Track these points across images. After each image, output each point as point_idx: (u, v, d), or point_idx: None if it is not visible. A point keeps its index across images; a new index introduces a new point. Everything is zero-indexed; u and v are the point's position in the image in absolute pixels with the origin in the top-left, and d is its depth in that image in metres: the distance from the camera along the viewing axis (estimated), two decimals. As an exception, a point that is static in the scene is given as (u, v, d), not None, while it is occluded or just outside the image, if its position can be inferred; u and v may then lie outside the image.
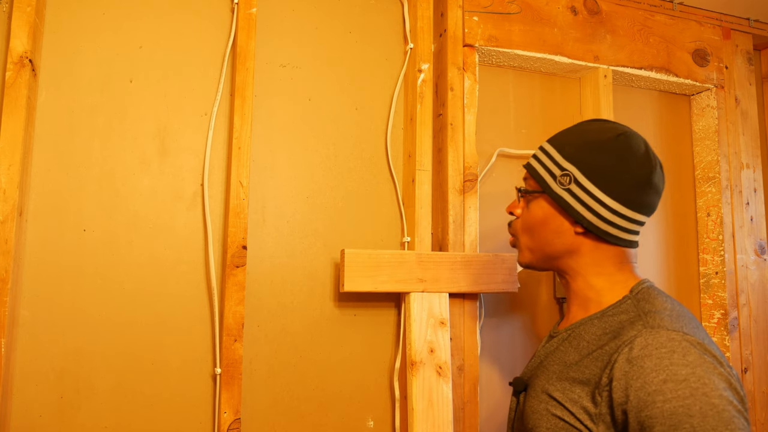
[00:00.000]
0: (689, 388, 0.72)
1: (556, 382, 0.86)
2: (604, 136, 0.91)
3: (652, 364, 0.75)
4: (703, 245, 1.69)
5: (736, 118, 1.71)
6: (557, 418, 0.83)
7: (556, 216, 0.93)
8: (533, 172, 0.96)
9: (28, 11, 1.11)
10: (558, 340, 0.94)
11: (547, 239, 0.94)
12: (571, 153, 0.92)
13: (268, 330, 1.27)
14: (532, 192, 0.96)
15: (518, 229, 1.00)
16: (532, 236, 0.96)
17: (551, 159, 0.94)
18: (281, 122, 1.33)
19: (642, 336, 0.78)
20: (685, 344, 0.76)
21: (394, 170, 1.41)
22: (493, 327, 1.45)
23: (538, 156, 0.97)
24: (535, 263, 0.99)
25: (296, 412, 1.27)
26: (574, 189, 0.90)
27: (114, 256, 1.18)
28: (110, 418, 1.14)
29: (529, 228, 0.96)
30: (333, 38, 1.40)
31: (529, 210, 0.97)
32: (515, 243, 1.01)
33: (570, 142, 0.93)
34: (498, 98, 1.54)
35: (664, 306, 0.84)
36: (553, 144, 0.95)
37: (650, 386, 0.74)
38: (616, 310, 0.87)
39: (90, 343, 1.15)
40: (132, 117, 1.22)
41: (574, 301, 0.96)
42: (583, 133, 0.94)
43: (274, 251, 1.29)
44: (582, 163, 0.90)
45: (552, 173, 0.93)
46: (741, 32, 1.75)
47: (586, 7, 1.56)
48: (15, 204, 1.07)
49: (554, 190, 0.92)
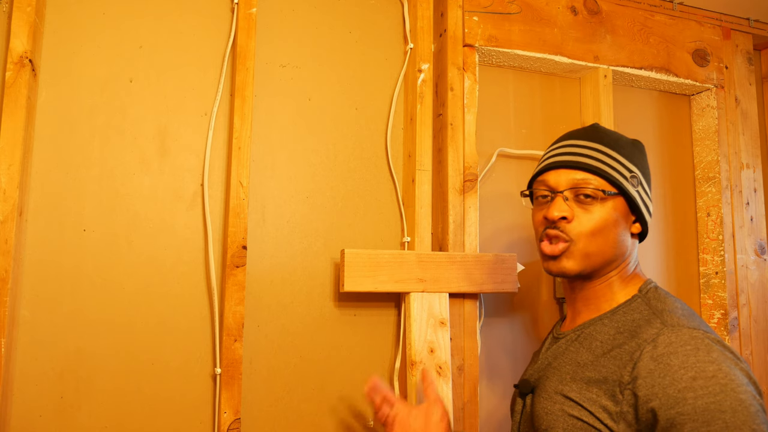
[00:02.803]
0: (719, 384, 0.73)
1: (571, 382, 0.86)
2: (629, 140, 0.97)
3: (678, 361, 0.76)
4: (703, 245, 1.69)
5: (736, 118, 1.71)
6: (574, 418, 0.83)
7: (626, 217, 0.93)
8: (602, 173, 0.91)
9: (28, 11, 1.11)
10: (566, 342, 0.93)
11: (613, 242, 0.91)
12: (628, 155, 0.94)
13: (268, 330, 1.27)
14: (607, 193, 0.90)
15: (577, 234, 0.90)
16: (597, 240, 0.90)
17: (615, 160, 0.92)
18: (281, 122, 1.33)
19: (664, 334, 0.79)
20: (707, 342, 0.77)
21: (394, 170, 1.41)
22: (493, 327, 1.45)
23: (597, 157, 0.92)
24: (587, 270, 0.91)
25: (296, 412, 1.27)
26: (641, 190, 0.93)
27: (114, 256, 1.18)
28: (110, 418, 1.14)
29: (599, 231, 0.90)
30: (333, 38, 1.40)
31: (591, 213, 0.90)
32: (565, 249, 0.91)
33: (618, 144, 0.94)
34: (498, 98, 1.53)
35: (675, 305, 0.86)
36: (608, 145, 0.93)
37: (679, 383, 0.74)
38: (626, 308, 0.88)
39: (90, 343, 1.15)
40: (132, 117, 1.22)
41: (582, 302, 0.95)
42: (617, 137, 0.97)
43: (274, 251, 1.29)
44: (639, 165, 0.94)
45: (622, 174, 0.91)
46: (741, 32, 1.75)
47: (586, 7, 1.56)
48: (15, 204, 1.07)
49: (629, 191, 0.91)
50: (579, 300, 0.96)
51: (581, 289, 0.96)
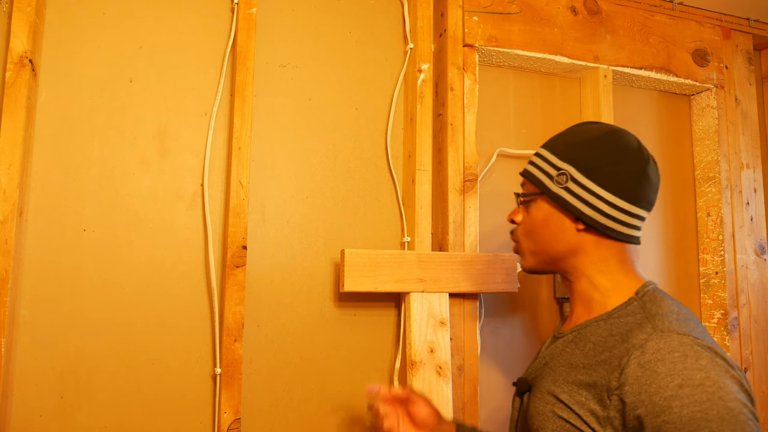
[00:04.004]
0: (705, 392, 0.72)
1: (563, 384, 0.86)
2: (596, 133, 0.94)
3: (665, 368, 0.75)
4: (703, 245, 1.69)
5: (736, 118, 1.71)
6: (563, 420, 0.83)
7: (557, 216, 0.93)
8: (529, 176, 0.97)
9: (28, 11, 1.11)
10: (563, 342, 0.93)
11: (549, 240, 0.94)
12: (565, 152, 0.93)
13: (268, 330, 1.27)
14: (531, 195, 0.96)
15: (520, 234, 0.99)
16: (535, 239, 0.96)
17: (546, 161, 0.95)
18: (281, 122, 1.33)
19: (653, 340, 0.78)
20: (696, 348, 0.76)
21: (394, 170, 1.41)
22: (493, 327, 1.45)
23: (533, 161, 0.98)
24: (538, 267, 0.98)
25: (296, 412, 1.27)
26: (571, 187, 0.91)
27: (114, 256, 1.18)
28: (110, 418, 1.14)
29: (531, 231, 0.96)
30: (333, 38, 1.40)
31: (529, 214, 0.97)
32: (518, 249, 1.01)
33: (563, 143, 0.95)
34: (498, 98, 1.54)
35: (671, 309, 0.84)
36: (547, 147, 0.97)
37: (666, 391, 0.73)
38: (622, 312, 0.87)
39: (90, 343, 1.15)
40: (132, 117, 1.22)
41: (577, 302, 0.96)
42: (575, 134, 0.96)
43: (274, 251, 1.30)
44: (577, 160, 0.91)
45: (548, 174, 0.94)
46: (741, 32, 1.75)
47: (586, 7, 1.56)
48: (15, 204, 1.07)
49: (552, 190, 0.92)
50: (572, 299, 0.98)
51: (569, 288, 0.98)
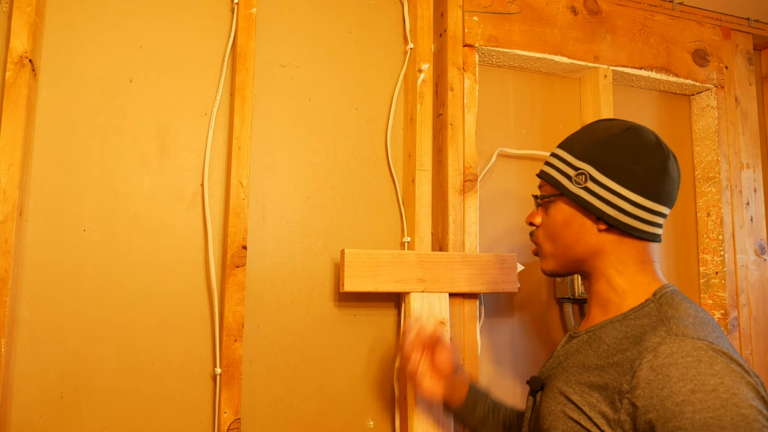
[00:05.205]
0: (719, 398, 0.71)
1: (575, 384, 0.85)
2: (612, 131, 0.92)
3: (678, 373, 0.73)
4: (703, 245, 1.69)
5: (736, 118, 1.71)
6: (573, 421, 0.82)
7: (577, 216, 0.92)
8: (547, 177, 0.95)
9: (28, 11, 1.11)
10: (578, 342, 0.93)
11: (570, 242, 0.93)
12: (583, 152, 0.92)
13: (268, 330, 1.27)
14: (550, 196, 0.95)
15: (540, 237, 0.98)
16: (555, 241, 0.95)
17: (563, 161, 0.94)
18: (281, 122, 1.33)
19: (666, 344, 0.77)
20: (711, 353, 0.75)
21: (394, 170, 1.41)
22: (493, 327, 1.45)
23: (550, 162, 0.96)
24: (559, 270, 0.97)
25: (296, 412, 1.27)
26: (591, 186, 0.89)
27: (114, 256, 1.18)
28: (110, 418, 1.14)
29: (552, 234, 0.95)
30: (333, 38, 1.40)
31: (548, 216, 0.95)
32: (538, 252, 0.99)
33: (580, 142, 0.94)
34: (498, 98, 1.54)
35: (688, 312, 0.83)
36: (563, 147, 0.96)
37: (678, 396, 0.72)
38: (638, 313, 0.86)
39: (90, 343, 1.15)
40: (132, 117, 1.22)
41: (594, 302, 0.95)
42: (592, 132, 0.95)
43: (274, 251, 1.29)
44: (595, 159, 0.90)
45: (566, 174, 0.92)
46: (741, 32, 1.75)
47: (586, 7, 1.56)
48: (15, 204, 1.07)
49: (571, 191, 0.91)
50: (590, 299, 0.96)
51: (587, 288, 0.97)
